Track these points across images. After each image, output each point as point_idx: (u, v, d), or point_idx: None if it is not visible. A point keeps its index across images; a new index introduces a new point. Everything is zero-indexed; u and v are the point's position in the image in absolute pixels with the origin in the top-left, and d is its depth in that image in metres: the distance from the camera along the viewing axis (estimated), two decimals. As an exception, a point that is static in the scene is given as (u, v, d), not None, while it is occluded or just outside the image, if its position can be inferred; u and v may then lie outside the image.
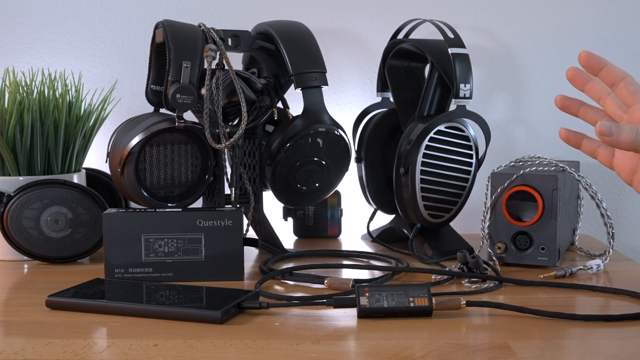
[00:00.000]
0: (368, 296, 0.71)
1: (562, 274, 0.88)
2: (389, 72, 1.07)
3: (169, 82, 0.90)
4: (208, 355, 0.62)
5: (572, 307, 0.77)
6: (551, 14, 1.21)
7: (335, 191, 1.11)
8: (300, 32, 1.00)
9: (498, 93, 1.23)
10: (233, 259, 0.86)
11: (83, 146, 1.04)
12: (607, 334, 0.68)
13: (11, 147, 0.97)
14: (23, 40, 1.22)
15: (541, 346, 0.64)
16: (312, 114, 0.96)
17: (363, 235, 1.14)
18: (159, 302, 0.74)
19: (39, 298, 0.77)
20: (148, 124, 0.90)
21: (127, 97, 1.21)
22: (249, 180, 1.00)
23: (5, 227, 0.94)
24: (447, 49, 0.96)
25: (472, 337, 0.67)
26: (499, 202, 0.93)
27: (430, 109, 1.00)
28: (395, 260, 0.95)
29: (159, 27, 0.93)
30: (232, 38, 0.98)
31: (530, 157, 1.01)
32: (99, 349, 0.64)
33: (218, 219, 0.86)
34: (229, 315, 0.71)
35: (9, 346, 0.64)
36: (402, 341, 0.65)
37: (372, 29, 1.21)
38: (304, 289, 0.83)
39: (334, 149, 0.96)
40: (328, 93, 1.11)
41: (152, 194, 0.91)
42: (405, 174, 0.96)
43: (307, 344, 0.64)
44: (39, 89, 1.01)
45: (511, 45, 1.22)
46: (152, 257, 0.85)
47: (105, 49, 1.22)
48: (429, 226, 0.99)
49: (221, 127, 0.91)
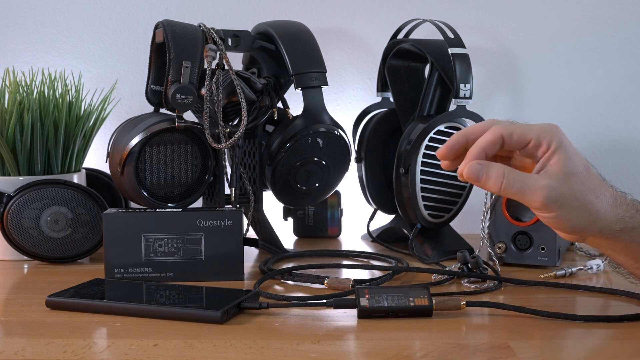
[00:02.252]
0: (368, 297, 0.71)
1: (562, 274, 0.88)
2: (389, 72, 1.07)
3: (169, 82, 0.90)
4: (208, 355, 0.62)
5: (571, 307, 0.77)
6: (551, 14, 1.21)
7: (335, 191, 1.10)
8: (300, 32, 1.00)
9: (498, 93, 1.23)
10: (233, 259, 0.86)
11: (83, 146, 1.04)
12: (606, 334, 0.68)
13: (11, 147, 0.97)
14: (23, 40, 1.22)
15: (541, 346, 0.64)
16: (312, 114, 0.96)
17: (363, 235, 1.14)
18: (159, 302, 0.74)
19: (39, 298, 0.76)
20: (148, 124, 0.90)
21: (127, 97, 1.21)
22: (249, 180, 1.00)
23: (5, 227, 0.94)
24: (447, 49, 0.96)
25: (472, 337, 0.67)
26: (499, 202, 0.93)
27: (430, 109, 1.00)
28: (395, 260, 0.95)
29: (159, 27, 0.93)
30: (232, 38, 0.98)
31: (530, 157, 1.01)
32: (99, 349, 0.64)
33: (218, 219, 0.86)
34: (229, 315, 0.71)
35: (9, 346, 0.64)
36: (402, 341, 0.65)
37: (372, 29, 1.21)
38: (303, 289, 0.83)
39: (334, 149, 0.96)
40: (328, 93, 1.11)
41: (152, 194, 0.91)
42: (405, 174, 0.96)
43: (307, 344, 0.64)
44: (39, 89, 1.01)
45: (511, 45, 1.22)
46: (152, 257, 0.85)
47: (105, 49, 1.22)
48: (429, 226, 0.99)
49: (221, 127, 0.91)
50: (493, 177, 0.65)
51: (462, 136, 0.68)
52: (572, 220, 0.66)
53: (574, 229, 0.67)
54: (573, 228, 0.67)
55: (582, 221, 0.66)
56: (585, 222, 0.66)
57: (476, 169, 0.65)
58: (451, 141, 0.68)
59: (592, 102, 1.21)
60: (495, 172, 0.65)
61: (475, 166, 0.65)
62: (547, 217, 0.66)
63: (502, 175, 0.65)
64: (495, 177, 0.65)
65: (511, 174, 0.65)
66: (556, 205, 0.65)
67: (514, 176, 0.65)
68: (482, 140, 0.67)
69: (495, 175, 0.65)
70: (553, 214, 0.65)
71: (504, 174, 0.65)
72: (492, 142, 0.66)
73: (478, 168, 0.65)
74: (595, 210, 0.66)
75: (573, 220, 0.66)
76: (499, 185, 0.65)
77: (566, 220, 0.66)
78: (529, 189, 0.65)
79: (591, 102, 1.22)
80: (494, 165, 0.66)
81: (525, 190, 0.65)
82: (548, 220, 0.67)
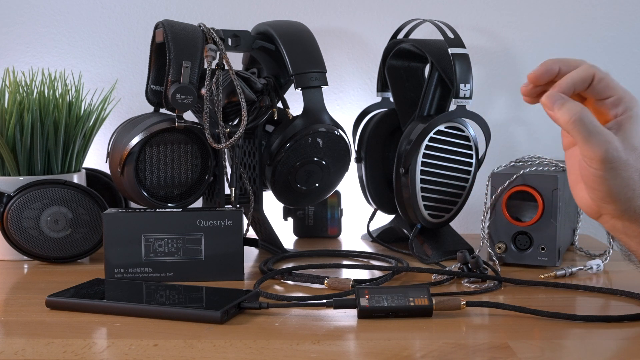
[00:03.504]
0: (368, 297, 0.71)
1: (562, 274, 0.88)
2: (389, 72, 1.07)
3: (169, 82, 0.90)
4: (208, 355, 0.62)
5: (571, 307, 0.77)
6: (551, 14, 1.21)
7: (335, 191, 1.10)
8: (300, 32, 1.00)
9: (498, 93, 1.23)
10: (233, 259, 0.86)
11: (83, 146, 1.04)
12: (606, 334, 0.68)
13: (11, 147, 0.97)
14: (23, 40, 1.22)
15: (541, 346, 0.64)
16: (312, 114, 0.96)
17: (363, 235, 1.14)
18: (159, 302, 0.74)
19: (39, 298, 0.76)
20: (148, 124, 0.90)
21: (127, 97, 1.21)
22: (249, 180, 1.00)
23: (5, 227, 0.94)
24: (447, 49, 0.96)
25: (472, 337, 0.67)
26: (499, 202, 0.93)
27: (430, 109, 1.00)
28: (395, 260, 0.95)
29: (159, 27, 0.93)
30: (232, 38, 0.98)
31: (530, 157, 1.01)
32: (99, 349, 0.64)
33: (218, 219, 0.86)
34: (229, 315, 0.71)
35: (9, 346, 0.64)
36: (402, 341, 0.65)
37: (372, 29, 1.21)
38: (303, 289, 0.83)
39: (334, 149, 0.96)
40: (328, 93, 1.11)
41: (152, 194, 0.91)
42: (405, 174, 0.96)
43: (307, 344, 0.64)
44: (39, 89, 1.00)
45: (511, 45, 1.22)
46: (152, 257, 0.85)
47: (105, 49, 1.22)
48: (429, 226, 0.99)
49: (221, 127, 0.91)
50: (567, 108, 0.64)
51: (556, 64, 0.68)
52: (612, 187, 0.66)
53: (608, 196, 0.67)
54: (608, 194, 0.66)
55: (619, 192, 0.66)
56: (621, 195, 0.66)
57: (555, 96, 0.65)
58: (546, 65, 0.68)
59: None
60: (572, 105, 0.65)
61: (555, 94, 0.65)
62: (594, 173, 0.66)
63: (577, 110, 0.64)
64: (569, 109, 0.64)
65: (586, 114, 0.65)
66: (611, 166, 0.65)
67: (589, 117, 0.65)
68: (574, 74, 0.66)
69: (570, 107, 0.64)
70: (602, 172, 0.65)
71: (579, 110, 0.64)
72: (583, 79, 0.66)
73: (557, 96, 0.65)
74: (633, 189, 0.66)
75: (613, 187, 0.66)
76: (570, 118, 0.64)
77: (608, 184, 0.66)
78: (597, 137, 0.64)
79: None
80: (573, 101, 0.65)
81: (593, 136, 0.64)
82: (592, 177, 0.66)
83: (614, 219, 0.69)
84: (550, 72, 0.68)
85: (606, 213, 0.69)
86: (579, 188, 0.71)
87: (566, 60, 0.68)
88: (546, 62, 0.68)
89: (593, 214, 0.71)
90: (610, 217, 0.69)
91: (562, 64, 0.68)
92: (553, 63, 0.68)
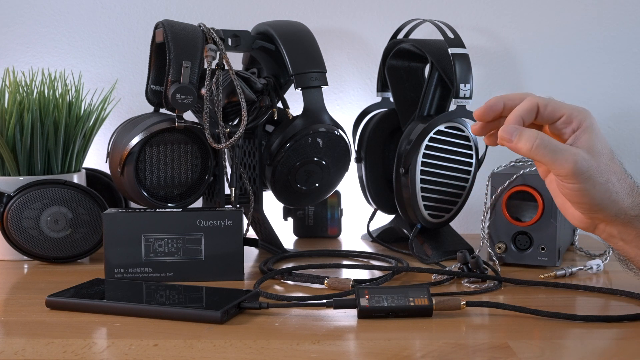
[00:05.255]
0: (368, 297, 0.71)
1: (562, 274, 0.88)
2: (389, 72, 1.07)
3: (169, 82, 0.90)
4: (208, 355, 0.62)
5: (571, 307, 0.77)
6: (551, 14, 1.21)
7: (335, 191, 1.11)
8: (300, 32, 1.00)
9: (498, 93, 1.22)
10: (233, 259, 0.86)
11: (83, 146, 1.04)
12: (606, 334, 0.68)
13: (11, 147, 0.97)
14: (23, 40, 1.22)
15: (541, 346, 0.64)
16: (312, 114, 0.96)
17: (363, 235, 1.14)
18: (159, 302, 0.74)
19: (39, 298, 0.76)
20: (148, 124, 0.90)
21: (127, 97, 1.21)
22: (249, 180, 1.00)
23: (5, 227, 0.94)
24: (447, 49, 0.96)
25: (472, 337, 0.67)
26: (499, 202, 0.93)
27: (430, 109, 1.00)
28: (395, 260, 0.95)
29: (159, 27, 0.93)
30: (232, 38, 0.98)
31: (530, 157, 1.00)
32: (99, 349, 0.64)
33: (218, 219, 0.86)
34: (229, 315, 0.71)
35: (9, 346, 0.64)
36: (402, 341, 0.65)
37: (372, 29, 1.21)
38: (303, 289, 0.83)
39: (334, 149, 0.96)
40: (328, 93, 1.11)
41: (152, 194, 0.91)
42: (405, 174, 0.96)
43: (307, 344, 0.64)
44: (39, 89, 1.00)
45: (511, 45, 1.22)
46: (152, 257, 0.85)
47: (105, 49, 1.22)
48: (429, 226, 0.99)
49: (221, 127, 0.91)
50: (525, 137, 0.66)
51: (500, 100, 0.70)
52: (595, 196, 0.67)
53: (593, 206, 0.68)
54: (593, 203, 0.67)
55: (603, 199, 0.67)
56: (606, 201, 0.67)
57: (511, 129, 0.67)
58: (490, 103, 0.70)
59: (592, 103, 1.21)
60: (529, 133, 0.66)
61: (510, 127, 0.67)
62: (572, 187, 0.67)
63: (535, 136, 0.66)
64: (528, 137, 0.66)
65: (545, 137, 0.66)
66: (584, 176, 0.66)
67: (548, 139, 0.66)
68: (520, 108, 0.68)
69: (528, 135, 0.66)
70: (579, 185, 0.66)
71: (537, 135, 0.66)
72: (528, 110, 0.68)
73: (512, 128, 0.67)
74: (615, 192, 0.67)
75: (595, 195, 0.67)
76: (532, 144, 0.66)
77: (590, 194, 0.67)
78: (562, 153, 0.66)
79: (591, 102, 1.21)
80: (528, 129, 0.67)
81: (558, 154, 0.66)
82: (572, 192, 0.68)
83: (609, 227, 0.71)
84: (494, 108, 0.70)
85: (600, 222, 0.71)
86: (567, 207, 0.72)
87: (509, 96, 0.70)
88: (490, 100, 0.70)
89: (589, 228, 0.72)
90: (605, 225, 0.71)
91: (505, 99, 0.70)
92: (497, 100, 0.70)
